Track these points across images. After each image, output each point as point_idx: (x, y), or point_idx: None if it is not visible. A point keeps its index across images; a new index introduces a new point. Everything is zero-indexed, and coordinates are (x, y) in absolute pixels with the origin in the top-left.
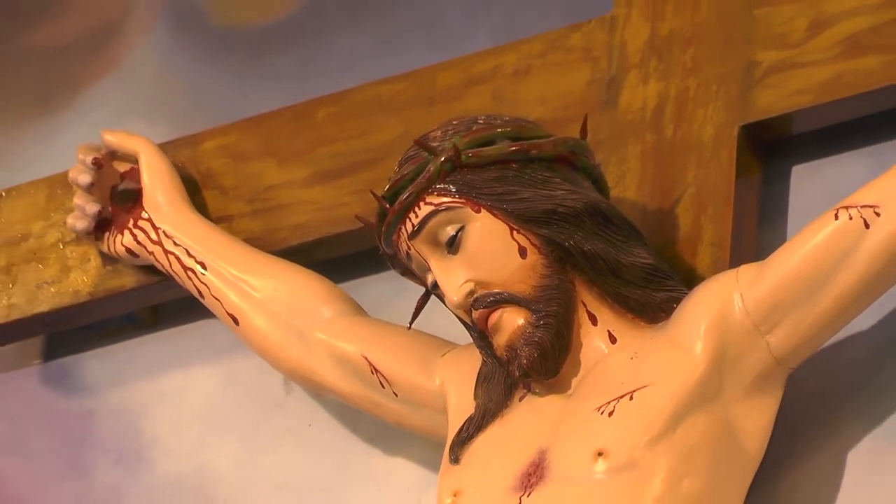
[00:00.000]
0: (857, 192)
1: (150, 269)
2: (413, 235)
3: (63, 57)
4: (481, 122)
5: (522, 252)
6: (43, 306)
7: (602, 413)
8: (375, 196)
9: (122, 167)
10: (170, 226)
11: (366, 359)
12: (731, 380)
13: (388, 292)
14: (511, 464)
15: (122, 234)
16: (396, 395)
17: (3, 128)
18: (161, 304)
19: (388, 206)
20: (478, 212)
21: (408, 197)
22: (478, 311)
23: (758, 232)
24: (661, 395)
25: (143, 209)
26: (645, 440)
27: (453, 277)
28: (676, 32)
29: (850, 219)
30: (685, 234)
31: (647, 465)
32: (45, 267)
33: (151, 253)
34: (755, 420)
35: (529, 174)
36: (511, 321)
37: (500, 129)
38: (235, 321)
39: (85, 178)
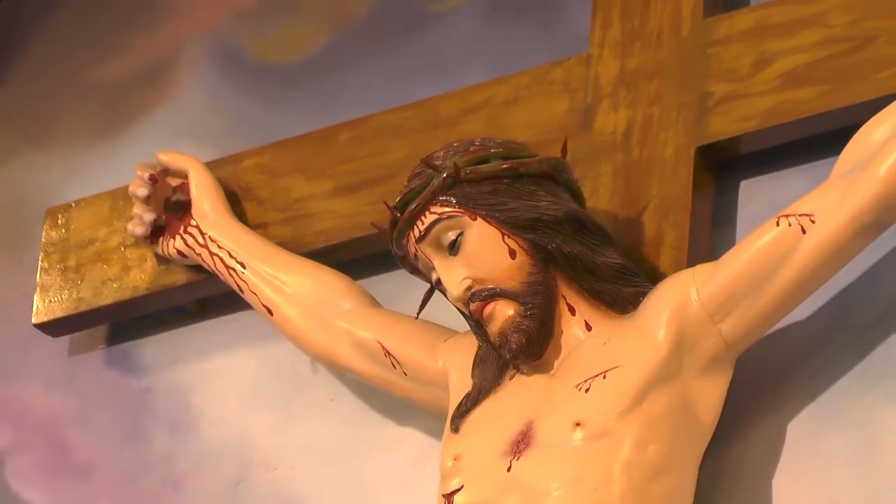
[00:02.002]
0: (796, 202)
1: (198, 268)
2: (420, 240)
3: (124, 89)
4: (477, 143)
5: (512, 254)
6: (107, 300)
7: (580, 389)
8: (388, 207)
9: (174, 182)
10: (215, 232)
11: (380, 344)
12: (689, 361)
13: (399, 288)
14: (503, 432)
15: (174, 239)
16: (406, 375)
17: (73, 149)
18: (207, 297)
19: (398, 214)
20: (474, 220)
21: (415, 207)
22: (474, 304)
23: (711, 237)
24: (630, 374)
25: (192, 217)
26: (616, 412)
27: (454, 275)
28: (642, 68)
29: (790, 226)
30: (649, 238)
31: (617, 434)
32: (109, 266)
33: (199, 255)
34: (709, 395)
35: (518, 188)
36: (503, 312)
37: (493, 150)
38: (270, 312)
39: (143, 191)
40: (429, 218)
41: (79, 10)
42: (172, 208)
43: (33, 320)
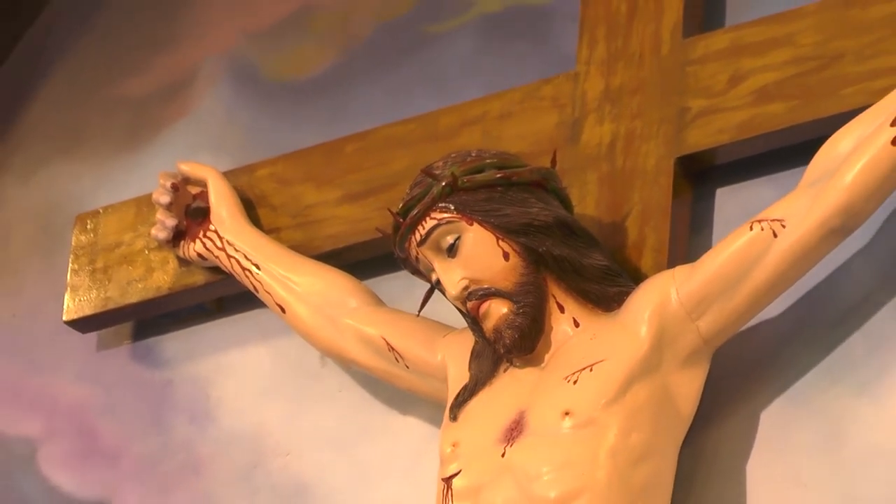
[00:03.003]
0: (768, 208)
1: (216, 270)
2: (421, 243)
3: (147, 105)
4: (474, 154)
5: (506, 256)
6: (132, 299)
7: (568, 381)
8: (391, 213)
9: (194, 190)
10: (231, 236)
11: (384, 339)
12: (669, 355)
13: (401, 288)
14: (497, 421)
15: (195, 242)
16: (408, 368)
17: (101, 159)
18: (225, 296)
19: (401, 220)
20: (471, 225)
21: (417, 213)
22: (471, 302)
23: (689, 240)
24: (614, 367)
25: (211, 223)
26: (602, 403)
27: (452, 276)
28: (626, 85)
29: (762, 230)
30: (632, 241)
31: (603, 422)
32: (134, 268)
33: (217, 257)
34: (688, 387)
35: (511, 195)
36: (497, 310)
37: (488, 161)
38: (283, 310)
39: (165, 199)
40: (429, 223)
41: (105, 32)
42: (193, 214)
43: (64, 318)
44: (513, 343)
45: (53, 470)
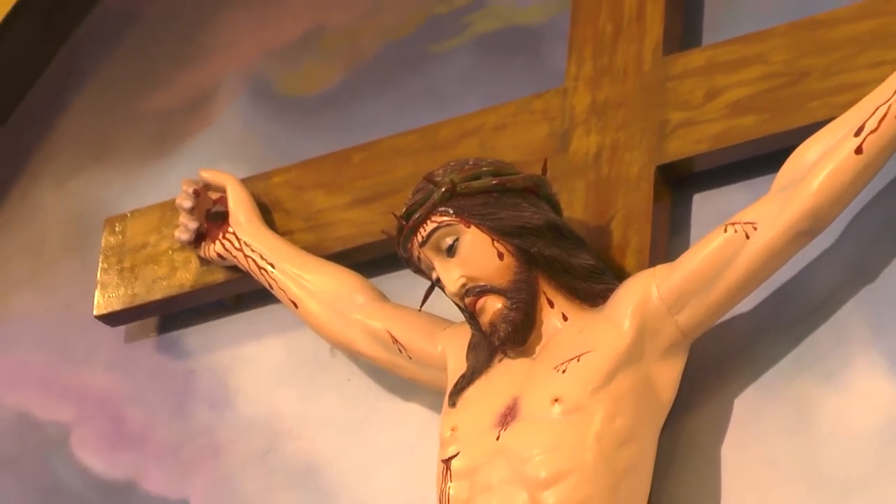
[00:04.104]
0: (741, 212)
1: (235, 269)
2: (422, 244)
3: (172, 117)
4: (471, 163)
5: (500, 256)
6: (157, 295)
7: (558, 371)
8: (395, 216)
9: (214, 195)
10: (249, 238)
11: (389, 332)
12: (650, 347)
13: (405, 285)
14: (492, 407)
15: (214, 244)
16: (410, 358)
17: (129, 167)
18: (242, 293)
19: (404, 223)
20: (468, 227)
21: (418, 217)
22: (469, 298)
23: (669, 242)
24: (600, 358)
25: (230, 226)
26: (589, 390)
27: (451, 274)
28: (611, 99)
29: (736, 232)
30: (617, 243)
31: (590, 408)
32: (159, 267)
33: (235, 257)
34: (667, 376)
35: (505, 200)
36: (492, 305)
37: (484, 168)
38: (295, 305)
39: (187, 203)
40: (430, 226)
41: (134, 49)
42: (213, 218)
43: (95, 313)
44: (507, 336)
45: (85, 453)
